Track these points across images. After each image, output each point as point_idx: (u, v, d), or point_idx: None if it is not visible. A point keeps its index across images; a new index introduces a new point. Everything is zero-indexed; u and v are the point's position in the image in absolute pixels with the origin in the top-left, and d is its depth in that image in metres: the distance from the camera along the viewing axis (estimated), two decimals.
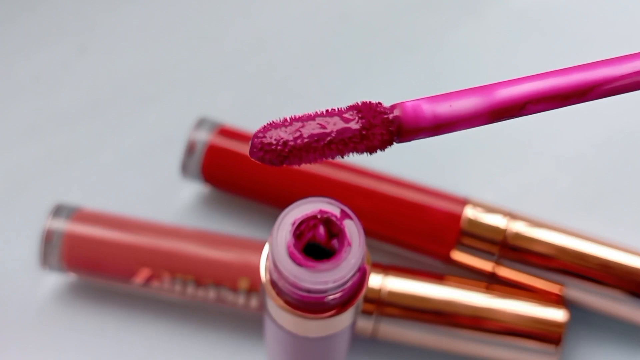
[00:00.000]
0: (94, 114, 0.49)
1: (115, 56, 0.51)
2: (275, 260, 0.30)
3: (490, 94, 0.25)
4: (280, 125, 0.25)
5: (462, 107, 0.25)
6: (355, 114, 0.25)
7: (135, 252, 0.42)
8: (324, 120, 0.25)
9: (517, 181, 0.47)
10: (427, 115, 0.25)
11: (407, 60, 0.50)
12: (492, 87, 0.26)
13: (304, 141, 0.25)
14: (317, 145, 0.25)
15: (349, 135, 0.25)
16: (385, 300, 0.40)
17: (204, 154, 0.44)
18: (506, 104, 0.25)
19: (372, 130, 0.25)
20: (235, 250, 0.42)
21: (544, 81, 0.26)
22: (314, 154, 0.25)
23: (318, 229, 0.31)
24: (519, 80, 0.26)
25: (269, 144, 0.25)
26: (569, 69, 0.26)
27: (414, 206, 0.42)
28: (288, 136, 0.25)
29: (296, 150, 0.25)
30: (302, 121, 0.25)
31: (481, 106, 0.25)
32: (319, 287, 0.30)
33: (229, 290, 0.41)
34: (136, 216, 0.44)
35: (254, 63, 0.50)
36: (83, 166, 0.48)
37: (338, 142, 0.25)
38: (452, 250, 0.42)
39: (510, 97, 0.26)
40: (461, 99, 0.25)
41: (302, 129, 0.25)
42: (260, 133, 0.25)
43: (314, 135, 0.25)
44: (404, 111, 0.25)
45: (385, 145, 0.25)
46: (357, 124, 0.25)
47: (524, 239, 0.41)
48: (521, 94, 0.26)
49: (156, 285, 0.42)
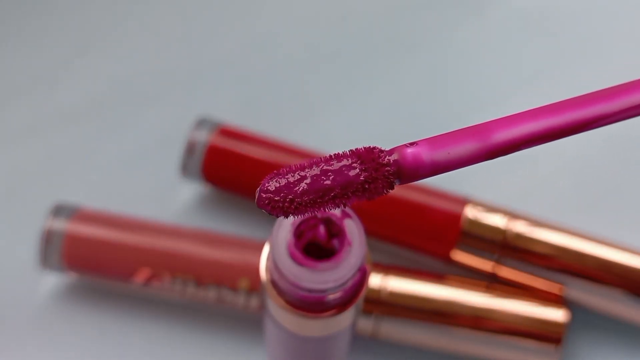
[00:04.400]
0: (94, 114, 0.49)
1: (115, 55, 0.51)
2: (275, 260, 0.30)
3: (486, 139, 0.26)
4: (284, 175, 0.26)
5: (460, 153, 0.26)
6: (357, 164, 0.26)
7: (135, 252, 0.42)
8: (326, 169, 0.26)
9: (517, 181, 0.47)
10: (426, 163, 0.26)
11: (409, 60, 0.50)
12: (487, 130, 0.26)
13: (310, 197, 0.25)
14: (321, 200, 0.26)
15: (352, 190, 0.26)
16: (385, 300, 0.40)
17: (204, 154, 0.44)
18: (502, 146, 0.26)
19: (374, 184, 0.26)
20: (235, 250, 0.42)
21: (539, 122, 0.26)
22: (319, 208, 0.26)
23: (318, 229, 0.31)
24: (514, 121, 0.26)
25: (275, 201, 0.25)
26: (564, 105, 0.27)
27: (414, 206, 0.42)
28: (294, 192, 0.26)
29: (302, 206, 0.25)
30: (305, 171, 0.26)
31: (477, 150, 0.26)
32: (320, 287, 0.30)
33: (229, 290, 0.41)
34: (136, 216, 0.44)
35: (254, 62, 0.51)
36: (83, 166, 0.48)
37: (342, 196, 0.26)
38: (453, 250, 0.42)
39: (506, 140, 0.26)
40: (458, 145, 0.26)
41: (307, 182, 0.25)
42: (266, 186, 0.26)
43: (318, 190, 0.25)
44: (404, 160, 0.26)
45: (385, 193, 0.26)
46: (359, 176, 0.26)
47: (524, 239, 0.41)
48: (517, 137, 0.26)
49: (156, 285, 0.42)
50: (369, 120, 0.49)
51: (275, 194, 0.25)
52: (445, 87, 0.50)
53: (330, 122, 0.49)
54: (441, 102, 0.49)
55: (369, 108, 0.49)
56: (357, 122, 0.49)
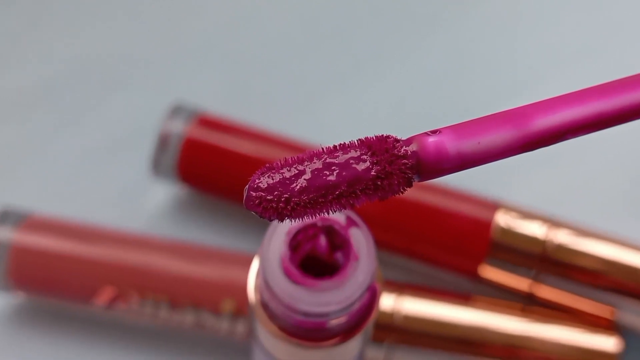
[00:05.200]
0: (47, 101, 0.49)
1: (72, 31, 0.50)
2: (266, 277, 0.30)
3: (525, 126, 0.26)
4: (278, 170, 0.25)
5: (492, 143, 0.26)
6: (367, 155, 0.25)
7: (97, 267, 0.42)
8: (330, 162, 0.25)
9: (559, 180, 0.47)
10: (451, 155, 0.25)
11: (427, 37, 0.50)
12: (526, 117, 0.26)
13: (310, 196, 0.25)
14: (324, 200, 0.25)
15: (361, 187, 0.25)
16: (399, 326, 0.40)
17: (180, 149, 0.44)
18: (543, 135, 0.26)
19: (389, 180, 0.25)
20: (217, 265, 0.42)
21: (588, 107, 0.26)
22: (321, 209, 0.25)
23: (318, 239, 0.31)
24: (558, 105, 0.26)
25: (268, 201, 0.25)
26: (617, 86, 0.27)
27: (435, 211, 0.42)
28: (290, 189, 0.25)
29: (300, 208, 0.25)
30: (304, 164, 0.25)
31: (514, 140, 0.26)
32: (320, 310, 0.30)
33: (210, 314, 0.41)
34: (98, 224, 0.44)
35: (240, 39, 0.50)
36: (33, 164, 0.48)
37: (348, 195, 0.25)
38: (481, 264, 0.42)
39: (548, 128, 0.26)
40: (491, 134, 0.25)
41: (306, 178, 0.25)
42: (257, 183, 0.25)
43: (320, 187, 0.25)
44: (425, 151, 0.25)
45: (402, 192, 0.25)
46: (370, 171, 0.25)
47: (567, 251, 0.41)
48: (561, 124, 0.26)
49: (122, 307, 0.41)
50: (379, 109, 0.49)
51: (267, 192, 0.25)
52: (470, 69, 0.50)
53: (332, 111, 0.49)
54: (466, 87, 0.49)
55: (379, 95, 0.49)
56: (364, 111, 0.49)
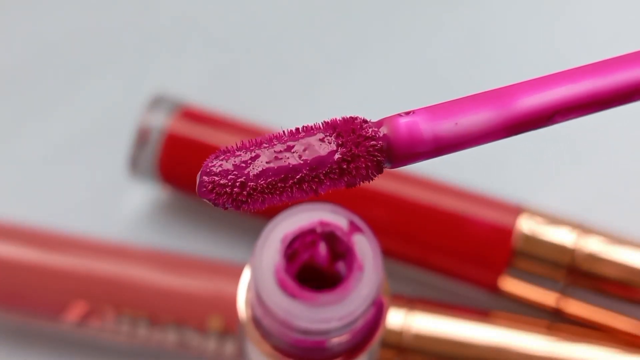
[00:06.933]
0: (9, 89, 0.49)
1: (36, 10, 0.50)
2: (259, 291, 0.30)
3: (508, 106, 0.26)
4: (234, 154, 0.26)
5: (472, 124, 0.26)
6: (332, 137, 0.26)
7: (67, 279, 0.42)
8: (291, 145, 0.26)
9: (589, 181, 0.47)
10: (425, 137, 0.26)
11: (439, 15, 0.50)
12: (509, 96, 0.26)
13: (267, 181, 0.26)
14: (283, 185, 0.26)
15: (324, 171, 0.26)
16: (409, 346, 0.40)
17: (161, 145, 0.44)
18: (528, 117, 0.26)
19: (355, 163, 0.26)
20: (203, 277, 0.42)
21: (576, 85, 0.26)
22: (280, 196, 0.26)
23: (317, 248, 0.31)
24: (543, 84, 0.27)
25: (221, 185, 0.25)
26: (609, 65, 0.27)
27: (449, 216, 0.42)
28: (246, 173, 0.25)
29: (257, 193, 0.26)
30: (262, 147, 0.26)
31: (496, 122, 0.26)
32: (319, 327, 0.30)
33: (195, 332, 0.41)
34: (67, 230, 0.44)
35: (226, 21, 0.50)
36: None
37: (311, 179, 0.26)
38: (501, 276, 0.42)
39: (533, 108, 0.26)
40: (470, 115, 0.26)
41: (264, 161, 0.26)
42: (210, 167, 0.26)
43: (279, 171, 0.26)
44: (396, 133, 0.26)
45: (371, 178, 0.26)
46: (335, 153, 0.26)
47: (599, 261, 0.41)
48: (548, 104, 0.26)
49: (95, 325, 0.42)
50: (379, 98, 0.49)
51: (221, 176, 0.25)
52: (485, 52, 0.50)
53: (330, 100, 0.49)
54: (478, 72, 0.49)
55: (379, 82, 0.49)
56: (364, 100, 0.49)
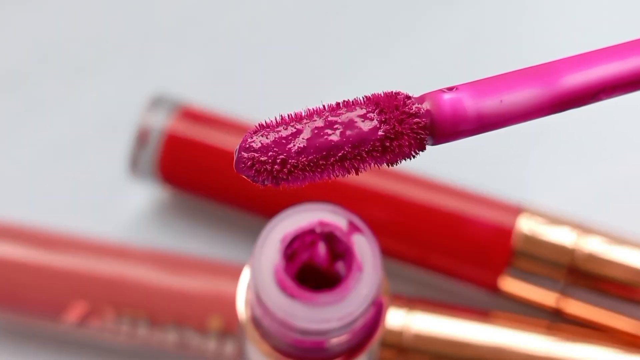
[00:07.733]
0: (9, 89, 0.49)
1: (39, 11, 0.50)
2: (258, 291, 0.30)
3: (553, 83, 0.26)
4: (274, 129, 0.25)
5: (517, 101, 0.26)
6: (374, 113, 0.25)
7: (67, 279, 0.42)
8: (332, 120, 0.25)
9: (590, 180, 0.47)
10: (470, 115, 0.26)
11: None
12: (555, 73, 0.26)
13: (309, 158, 0.25)
14: (325, 162, 0.25)
15: (367, 149, 0.25)
16: (409, 346, 0.40)
17: (161, 145, 0.44)
18: (574, 95, 0.26)
19: (399, 140, 0.25)
20: (203, 277, 0.42)
21: (624, 62, 0.26)
22: (322, 174, 0.25)
23: (317, 248, 0.31)
24: (592, 60, 0.26)
25: (261, 162, 0.25)
26: None
27: (449, 216, 0.42)
28: (287, 150, 0.25)
29: (298, 171, 0.25)
30: (303, 122, 0.25)
31: (541, 99, 0.26)
32: (319, 327, 0.30)
33: (195, 332, 0.41)
34: (67, 230, 0.44)
35: (227, 20, 0.50)
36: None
37: (353, 157, 0.25)
38: (501, 276, 0.42)
39: (580, 85, 0.26)
40: (515, 91, 0.26)
41: (305, 137, 0.25)
42: (249, 143, 0.25)
43: (321, 148, 0.25)
44: (440, 110, 0.26)
45: (413, 156, 0.26)
46: (378, 130, 0.25)
47: (599, 262, 0.41)
48: (594, 81, 0.26)
49: (95, 325, 0.42)
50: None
51: (261, 152, 0.25)
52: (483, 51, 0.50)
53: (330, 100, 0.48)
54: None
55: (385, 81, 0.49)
56: None
